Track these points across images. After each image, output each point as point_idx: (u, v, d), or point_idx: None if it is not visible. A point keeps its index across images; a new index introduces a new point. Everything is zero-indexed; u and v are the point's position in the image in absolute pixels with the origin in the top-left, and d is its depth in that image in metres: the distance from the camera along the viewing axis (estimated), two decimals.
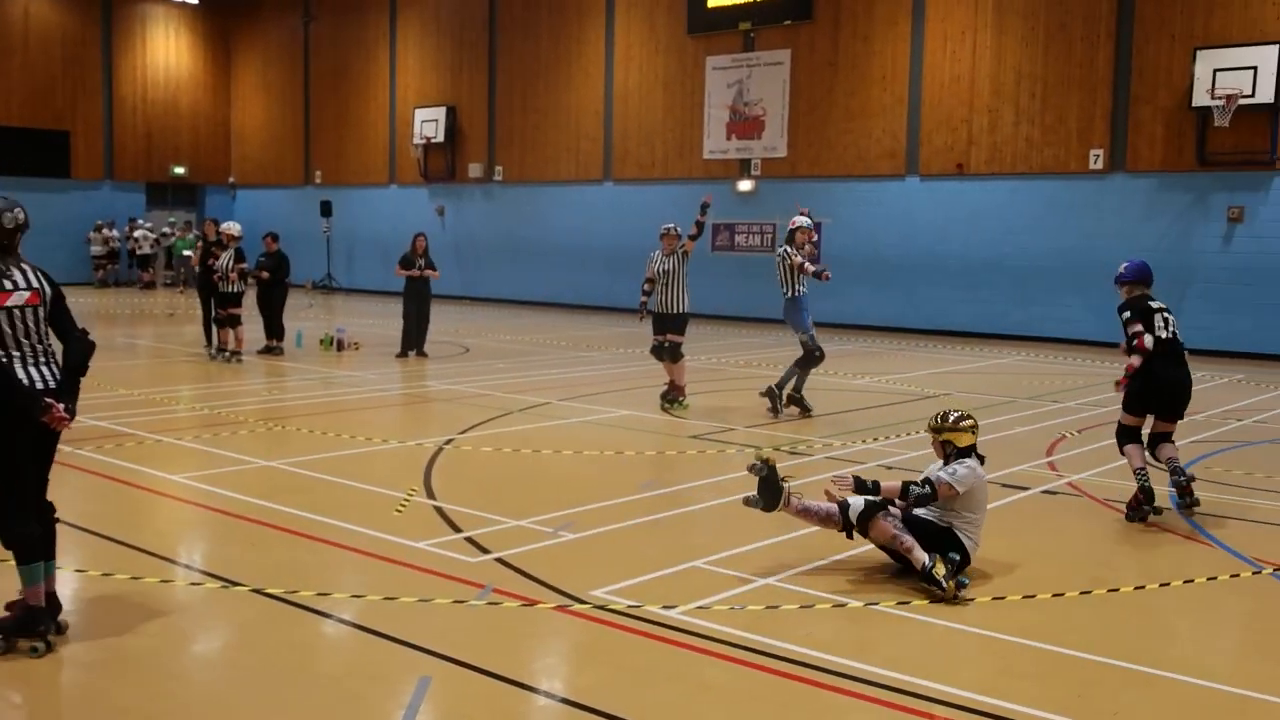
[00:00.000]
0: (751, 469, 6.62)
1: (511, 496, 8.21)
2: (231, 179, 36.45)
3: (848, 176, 23.15)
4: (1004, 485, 8.76)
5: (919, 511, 6.45)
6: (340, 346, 17.14)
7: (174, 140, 35.10)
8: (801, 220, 11.99)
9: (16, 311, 5.08)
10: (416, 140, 30.32)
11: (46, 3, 32.30)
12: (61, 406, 5.07)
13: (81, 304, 25.90)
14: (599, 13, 26.93)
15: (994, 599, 6.11)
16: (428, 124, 30.02)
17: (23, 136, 31.69)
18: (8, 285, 5.09)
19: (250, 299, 16.45)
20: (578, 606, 5.81)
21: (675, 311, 12.23)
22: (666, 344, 12.22)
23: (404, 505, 7.89)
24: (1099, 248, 20.15)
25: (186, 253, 27.55)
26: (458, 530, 7.26)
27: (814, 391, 12.30)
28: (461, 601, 5.85)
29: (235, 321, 15.64)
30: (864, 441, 10.59)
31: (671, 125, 25.82)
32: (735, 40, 24.67)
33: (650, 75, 26.14)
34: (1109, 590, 6.34)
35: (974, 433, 6.62)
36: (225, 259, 15.90)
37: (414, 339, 16.83)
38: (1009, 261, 21.27)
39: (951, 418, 6.64)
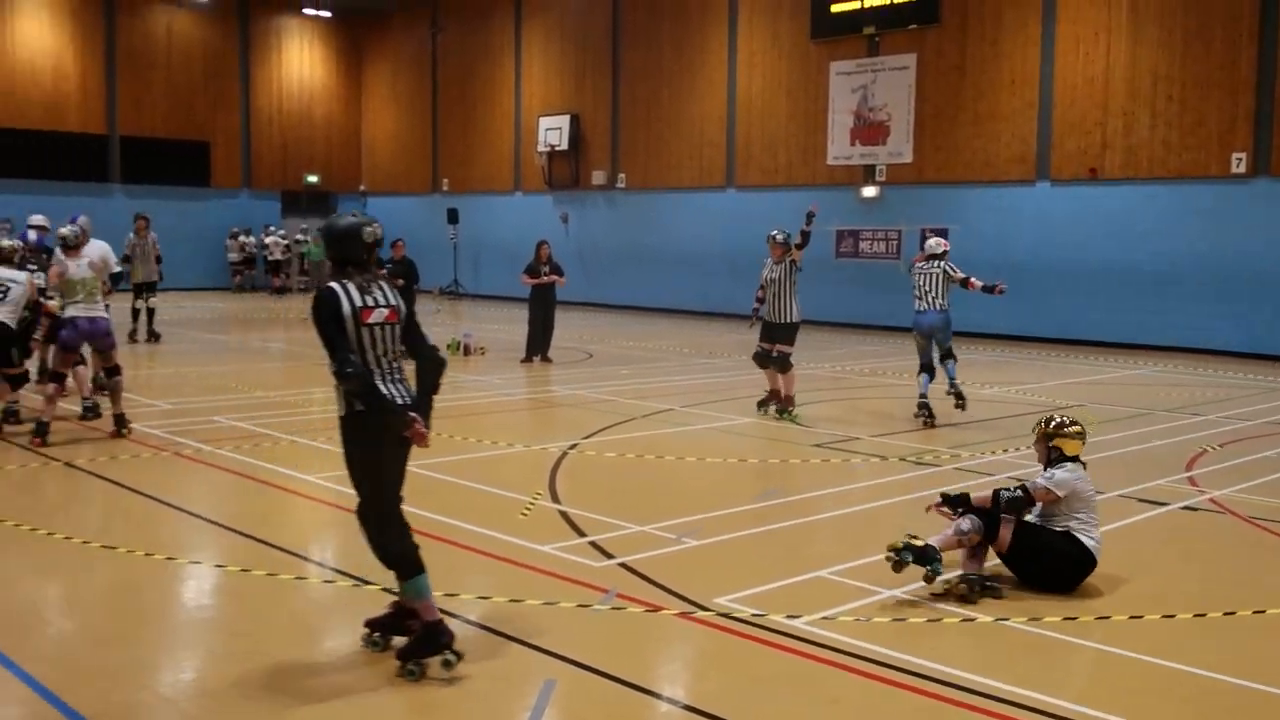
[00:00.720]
0: (898, 568, 6.27)
1: (635, 502, 8.25)
2: (362, 187, 37.38)
3: (975, 182, 22.71)
4: (1140, 500, 8.49)
5: (1031, 519, 6.39)
6: (466, 351, 17.44)
7: (308, 150, 36.16)
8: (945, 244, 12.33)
9: (377, 329, 5.09)
10: (541, 148, 30.69)
11: (188, 19, 33.59)
12: (422, 422, 5.08)
13: (220, 308, 26.83)
14: (721, 19, 26.92)
15: (1131, 618, 5.92)
16: (552, 132, 30.37)
17: (166, 147, 33.00)
18: (369, 302, 5.08)
19: None
20: (701, 613, 5.81)
21: (784, 321, 12.11)
22: (775, 354, 12.10)
23: (529, 509, 7.98)
24: (1241, 254, 19.40)
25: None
26: (582, 535, 7.32)
27: (941, 401, 12.09)
28: (586, 605, 5.90)
29: None
30: (992, 452, 10.36)
31: (795, 131, 25.67)
32: (859, 45, 24.41)
33: (773, 81, 26.04)
34: (1254, 611, 6.09)
35: (1081, 441, 6.54)
36: None
37: (539, 344, 17.03)
38: (1145, 268, 20.60)
39: (1055, 422, 6.59)
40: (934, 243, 12.29)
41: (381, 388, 5.04)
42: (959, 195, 22.86)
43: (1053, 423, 6.59)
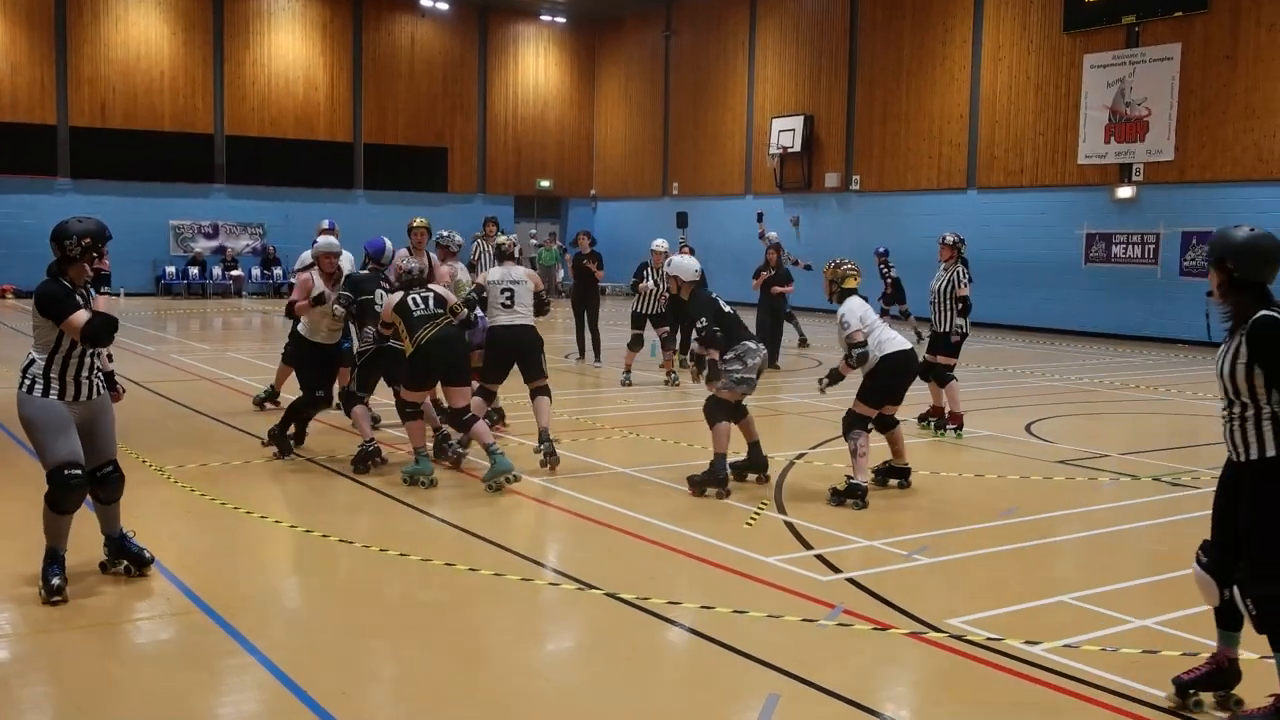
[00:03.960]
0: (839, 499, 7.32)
1: (862, 516, 8.12)
2: (593, 191, 38.24)
3: (1246, 181, 21.34)
4: None
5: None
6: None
7: (540, 155, 37.27)
8: None
9: None
10: (773, 150, 30.65)
11: (430, 28, 35.17)
12: None
13: None
14: (966, 13, 26.23)
15: None
16: (785, 134, 30.29)
17: (406, 154, 34.69)
18: None
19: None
20: (933, 634, 5.67)
21: (944, 330, 11.46)
22: (934, 365, 11.47)
23: (755, 518, 7.98)
24: None
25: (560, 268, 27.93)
26: (808, 547, 7.27)
27: (1205, 420, 11.41)
28: (811, 620, 5.85)
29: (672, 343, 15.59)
30: None
31: (1043, 129, 24.75)
32: (1117, 36, 23.34)
33: (1021, 76, 25.19)
34: None
35: (856, 277, 8.94)
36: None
37: (768, 351, 16.94)
38: None
39: (835, 264, 9.07)
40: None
41: None
42: (1226, 195, 21.53)
43: (834, 265, 8.98)
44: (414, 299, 8.92)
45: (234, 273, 32.02)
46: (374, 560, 6.90)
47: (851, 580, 6.55)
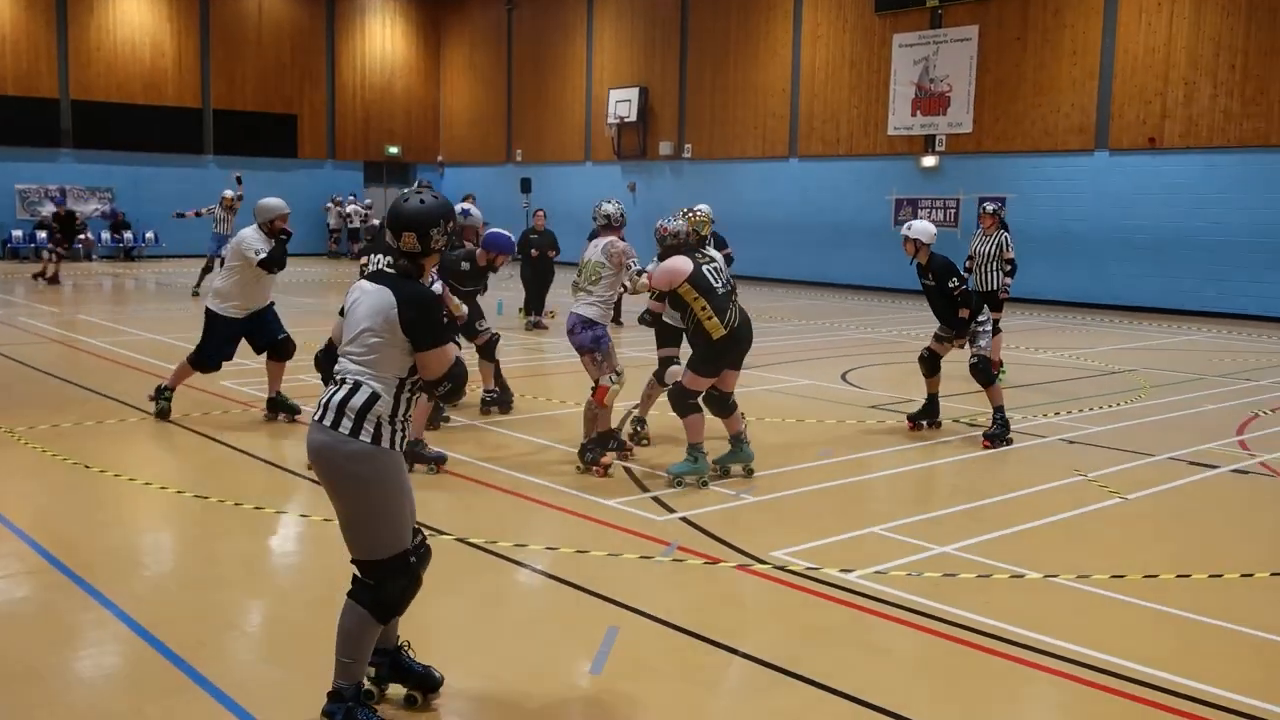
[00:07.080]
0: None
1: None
2: (440, 158, 37.58)
3: (1034, 152, 22.28)
4: (1191, 463, 8.33)
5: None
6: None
7: (389, 123, 36.41)
8: None
9: None
10: (610, 120, 30.62)
11: None
12: None
13: (315, 273, 27.17)
14: None
15: (1179, 576, 5.83)
16: (621, 104, 30.28)
17: (255, 120, 33.44)
18: None
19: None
20: (758, 566, 5.82)
21: (988, 289, 12.34)
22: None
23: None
24: None
25: None
26: (645, 490, 7.36)
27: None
28: (648, 557, 5.94)
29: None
30: (1044, 415, 10.23)
31: (857, 102, 25.34)
32: (923, 18, 23.99)
33: (837, 53, 25.69)
34: None
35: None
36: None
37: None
38: (1203, 236, 20.11)
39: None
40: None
41: None
42: (1017, 164, 22.46)
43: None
44: (708, 270, 7.10)
45: (83, 237, 30.46)
46: (229, 514, 6.71)
47: (685, 519, 6.66)
